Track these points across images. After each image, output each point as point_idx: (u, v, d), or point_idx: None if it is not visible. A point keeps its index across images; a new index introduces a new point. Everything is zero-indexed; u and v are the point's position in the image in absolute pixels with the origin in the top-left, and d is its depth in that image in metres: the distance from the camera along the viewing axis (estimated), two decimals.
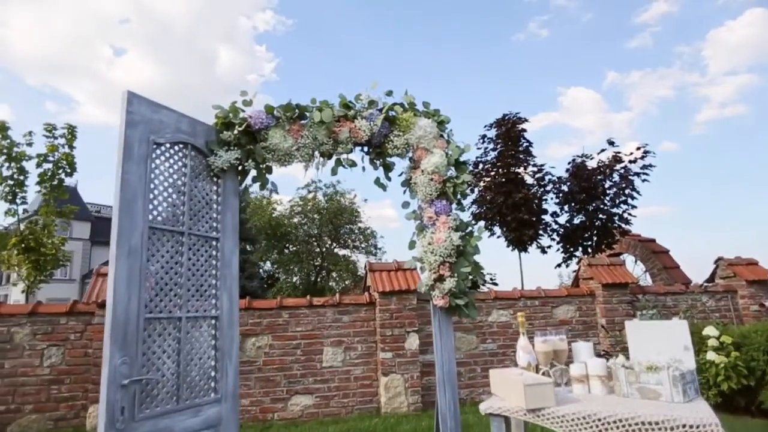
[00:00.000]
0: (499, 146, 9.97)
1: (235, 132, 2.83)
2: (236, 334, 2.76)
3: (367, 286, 7.30)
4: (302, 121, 3.01)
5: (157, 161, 2.49)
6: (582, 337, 7.55)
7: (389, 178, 3.25)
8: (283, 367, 6.45)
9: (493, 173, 9.89)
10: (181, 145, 2.64)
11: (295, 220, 25.51)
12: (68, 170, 10.65)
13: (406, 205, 3.20)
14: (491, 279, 10.01)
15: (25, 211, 10.05)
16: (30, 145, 10.11)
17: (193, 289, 2.56)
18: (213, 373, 2.60)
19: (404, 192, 3.19)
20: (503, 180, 9.65)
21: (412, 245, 3.15)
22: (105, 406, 2.03)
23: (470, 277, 2.98)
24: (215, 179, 2.82)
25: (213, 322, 2.65)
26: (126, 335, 2.16)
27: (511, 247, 9.97)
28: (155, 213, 2.43)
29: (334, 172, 3.16)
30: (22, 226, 10.11)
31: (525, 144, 9.99)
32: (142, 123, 2.41)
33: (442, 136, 3.18)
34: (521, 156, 9.87)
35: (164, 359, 2.35)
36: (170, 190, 2.53)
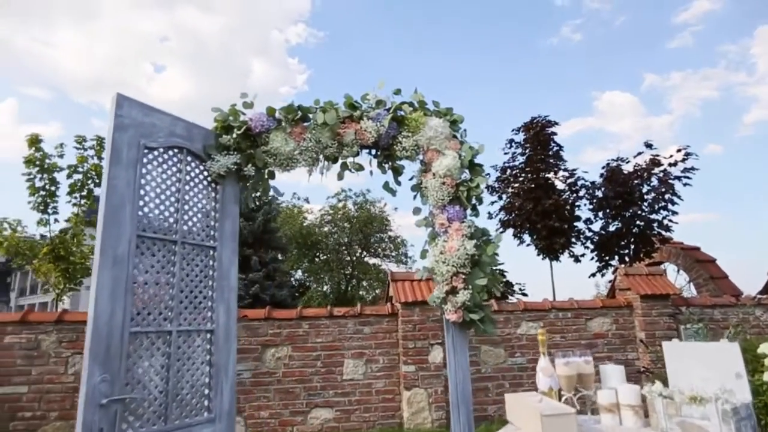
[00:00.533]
0: (527, 151, 9.55)
1: (234, 135, 2.69)
2: (233, 348, 2.59)
3: (390, 296, 7.07)
4: (305, 124, 2.84)
5: (149, 166, 2.36)
6: (619, 352, 7.06)
7: (399, 183, 3.03)
8: (303, 379, 6.28)
9: (521, 179, 9.47)
10: (176, 150, 2.51)
11: (326, 228, 25.57)
12: (97, 180, 10.94)
13: (417, 211, 2.97)
14: (520, 289, 9.56)
15: (56, 221, 10.37)
16: (61, 156, 10.49)
17: (186, 301, 2.41)
18: (207, 391, 2.43)
19: (414, 197, 2.96)
20: (532, 186, 9.22)
21: (424, 254, 2.92)
22: (81, 428, 1.88)
23: (486, 288, 2.71)
24: (213, 185, 2.68)
25: (208, 335, 2.49)
26: (108, 350, 2.02)
27: (541, 256, 9.50)
28: (145, 221, 2.30)
29: (340, 176, 2.97)
30: (52, 235, 10.44)
31: (555, 148, 9.53)
32: (133, 126, 2.29)
33: (455, 136, 2.94)
34: (551, 160, 9.42)
35: (151, 376, 2.19)
36: (162, 196, 2.40)
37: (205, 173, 2.63)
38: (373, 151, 3.01)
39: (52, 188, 10.19)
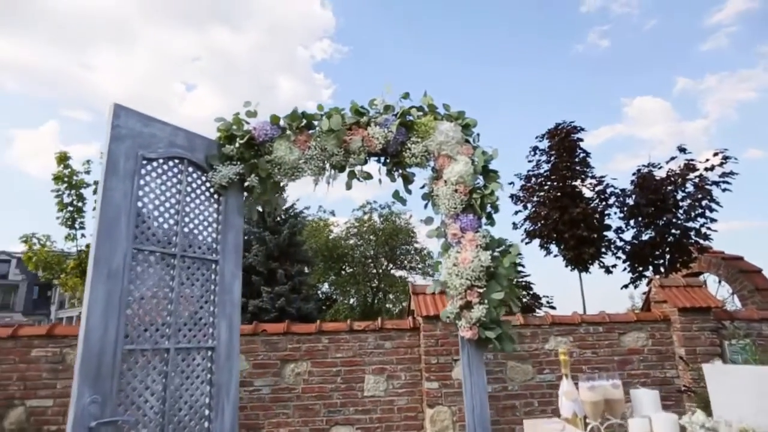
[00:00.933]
0: (552, 158, 9.21)
1: (237, 145, 2.60)
2: (235, 367, 2.46)
3: (411, 309, 6.87)
4: (310, 132, 2.73)
5: (147, 177, 2.29)
6: (656, 369, 6.61)
7: (409, 191, 2.87)
8: (323, 396, 6.12)
9: (547, 187, 9.13)
10: (176, 161, 2.43)
11: (351, 241, 25.56)
12: None
13: (429, 221, 2.81)
14: (548, 302, 9.16)
15: (82, 236, 10.63)
16: (88, 173, 10.83)
17: (185, 317, 2.31)
18: (207, 412, 2.31)
19: (425, 206, 2.80)
20: (558, 194, 8.86)
21: (437, 267, 2.74)
22: None
23: (503, 302, 2.51)
24: (216, 196, 2.59)
25: (209, 353, 2.38)
26: (99, 369, 1.92)
27: (570, 267, 9.10)
28: (143, 233, 2.22)
29: (348, 186, 2.84)
30: (79, 250, 10.69)
31: (581, 154, 9.16)
32: (130, 137, 2.23)
33: (467, 141, 2.78)
34: (578, 168, 9.05)
35: (147, 396, 2.09)
36: (162, 208, 2.32)
37: (207, 184, 2.55)
38: (382, 159, 2.87)
39: (80, 204, 10.49)
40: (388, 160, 2.84)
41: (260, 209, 17.55)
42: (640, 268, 8.97)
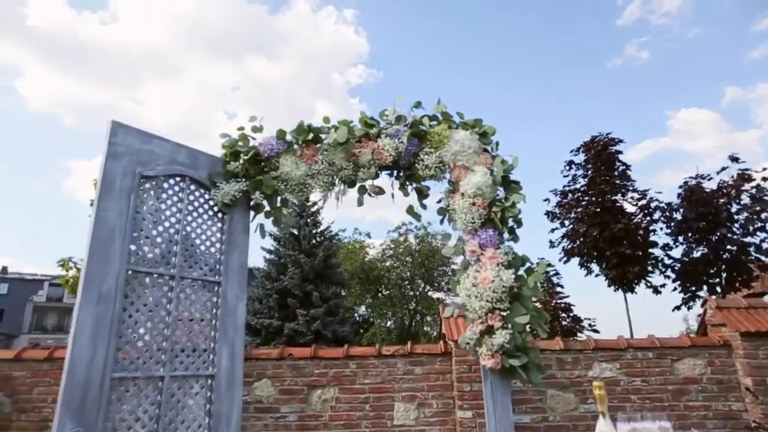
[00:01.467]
0: (589, 172, 8.76)
1: (241, 161, 2.49)
2: (238, 396, 2.29)
3: (443, 333, 6.54)
4: (318, 145, 2.59)
5: (146, 196, 2.20)
6: (719, 401, 5.96)
7: (424, 206, 2.67)
8: (350, 424, 5.85)
9: (584, 203, 8.65)
10: (177, 178, 2.34)
11: (387, 263, 25.34)
12: None
13: (446, 237, 2.58)
14: (590, 325, 8.57)
15: None
16: None
17: (183, 342, 2.17)
18: None
19: (441, 221, 2.58)
20: (597, 210, 8.37)
21: (456, 286, 2.50)
22: None
23: (528, 328, 2.23)
24: (220, 215, 2.48)
25: (208, 381, 2.22)
26: (85, 399, 1.79)
27: (613, 287, 8.51)
28: (139, 254, 2.11)
29: (359, 202, 2.67)
30: None
31: (621, 168, 8.66)
32: (128, 154, 2.15)
33: (486, 150, 2.55)
34: (617, 181, 8.55)
35: (136, 428, 1.94)
36: (161, 227, 2.22)
37: (211, 202, 2.44)
38: (394, 172, 2.69)
39: None
40: (401, 174, 2.65)
41: (295, 232, 17.73)
42: (693, 288, 8.26)
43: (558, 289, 9.59)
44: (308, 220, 18.08)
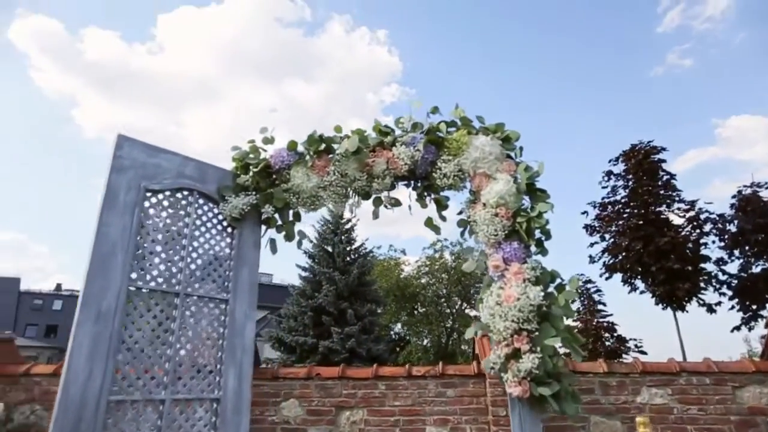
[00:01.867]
0: (630, 182, 8.22)
1: (251, 174, 2.40)
2: (245, 422, 2.15)
3: (476, 354, 6.21)
4: (330, 156, 2.47)
5: (151, 211, 2.13)
6: None
7: (443, 218, 2.48)
8: None
9: (626, 215, 8.10)
10: (185, 192, 2.27)
11: (423, 280, 24.95)
12: None
13: (467, 251, 2.38)
14: (636, 346, 7.94)
15: None
16: None
17: (186, 363, 2.06)
18: None
19: (462, 234, 2.39)
20: (640, 222, 7.80)
21: (479, 305, 2.29)
22: None
23: (560, 351, 1.99)
24: (229, 230, 2.38)
25: (213, 405, 2.09)
26: (79, 423, 1.70)
27: (661, 305, 7.87)
28: (142, 270, 2.03)
29: (374, 215, 2.52)
30: None
31: (665, 177, 8.07)
32: (133, 168, 2.10)
33: (509, 156, 2.36)
34: (661, 192, 7.96)
35: None
36: (166, 243, 2.14)
37: (220, 217, 2.35)
38: (412, 183, 2.52)
39: None
40: (418, 184, 2.49)
41: (329, 249, 17.74)
42: (754, 307, 7.54)
43: (600, 307, 8.99)
44: (342, 237, 18.07)
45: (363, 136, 2.40)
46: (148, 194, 2.12)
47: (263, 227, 2.50)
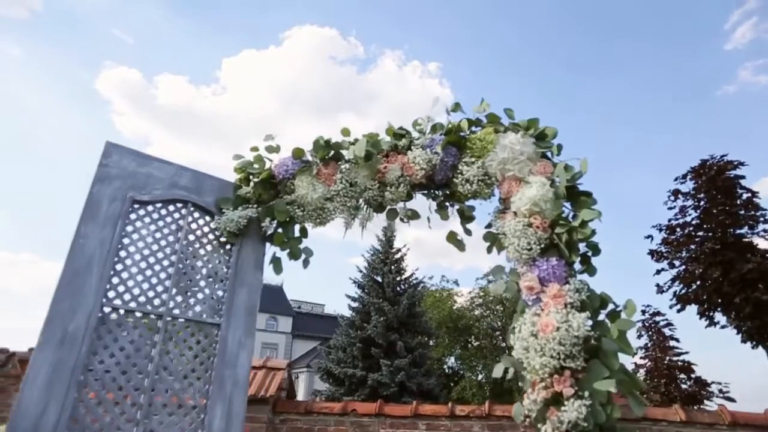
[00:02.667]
0: (701, 202, 7.22)
1: (252, 184, 2.16)
2: None
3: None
4: (339, 164, 2.19)
5: (137, 223, 1.92)
6: None
7: (468, 232, 2.10)
8: None
9: (698, 238, 7.07)
10: (178, 204, 2.05)
11: (477, 312, 23.91)
12: None
13: (497, 271, 1.97)
14: (721, 391, 6.80)
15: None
16: None
17: (166, 397, 1.78)
18: None
19: (489, 251, 1.99)
20: (717, 246, 6.76)
21: (512, 335, 1.86)
22: None
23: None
24: (228, 247, 2.13)
25: None
26: None
27: (749, 343, 6.72)
28: (122, 288, 1.81)
29: (389, 229, 2.19)
30: None
31: (744, 195, 7.01)
32: (120, 177, 1.91)
33: (545, 156, 1.96)
34: (740, 212, 6.91)
35: None
36: (152, 259, 1.91)
37: (217, 232, 2.11)
38: (435, 192, 2.17)
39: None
40: (438, 193, 2.14)
41: (379, 279, 17.41)
42: None
43: (672, 343, 7.88)
44: (392, 267, 17.73)
45: (375, 140, 2.11)
46: (136, 206, 1.92)
47: (267, 245, 2.23)
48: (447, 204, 2.12)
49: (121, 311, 1.77)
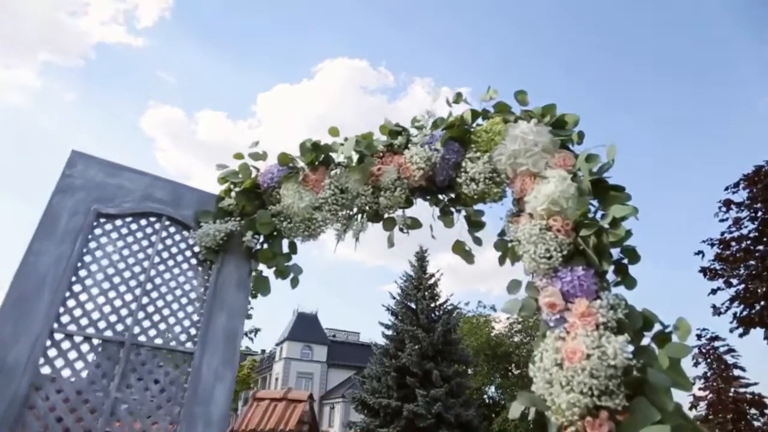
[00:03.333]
0: (759, 213, 6.45)
1: (233, 194, 1.93)
2: None
3: None
4: (331, 168, 1.93)
5: (103, 239, 1.72)
6: None
7: (478, 241, 1.77)
8: None
9: (758, 253, 6.29)
10: (152, 218, 1.84)
11: (516, 338, 22.81)
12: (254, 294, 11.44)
13: (514, 286, 1.62)
14: None
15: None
16: None
17: None
18: None
19: (501, 263, 1.65)
20: None
21: (533, 364, 1.49)
22: None
23: None
24: (208, 264, 1.89)
25: None
26: None
27: None
28: (77, 312, 1.59)
29: (390, 243, 1.89)
30: None
31: None
32: (86, 189, 1.72)
33: (566, 147, 1.63)
34: None
35: None
36: (117, 278, 1.69)
37: (196, 248, 1.88)
38: (437, 196, 1.87)
39: None
40: (443, 197, 1.83)
41: (412, 306, 16.91)
42: None
43: (737, 372, 6.96)
44: (426, 293, 17.23)
45: (369, 140, 1.84)
46: (102, 219, 1.72)
47: (254, 263, 1.98)
48: (452, 209, 1.80)
49: (76, 338, 1.54)
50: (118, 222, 1.76)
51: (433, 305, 17.01)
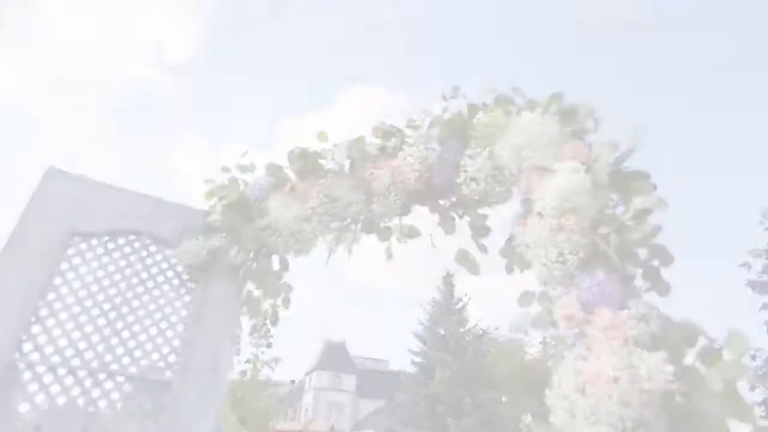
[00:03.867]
0: None
1: (218, 209, 1.79)
2: None
3: None
4: (322, 177, 1.77)
5: (76, 259, 1.59)
6: None
7: (483, 249, 1.56)
8: None
9: None
10: (131, 236, 1.72)
11: (551, 363, 21.76)
12: (273, 320, 11.02)
13: (527, 298, 1.39)
14: None
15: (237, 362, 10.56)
16: None
17: None
18: None
19: (510, 271, 1.43)
20: None
21: (553, 390, 1.25)
22: None
23: None
24: (189, 284, 1.74)
25: None
26: None
27: None
28: (43, 339, 1.45)
29: (387, 254, 1.70)
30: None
31: None
32: (59, 206, 1.62)
33: (581, 138, 1.42)
34: None
35: None
36: (89, 302, 1.56)
37: (179, 268, 1.74)
38: (439, 201, 1.68)
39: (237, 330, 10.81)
40: (440, 201, 1.64)
41: (441, 331, 16.38)
42: None
43: None
44: (454, 318, 16.74)
45: (361, 145, 1.68)
46: (76, 239, 1.60)
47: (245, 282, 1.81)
48: (452, 214, 1.61)
49: (39, 368, 1.40)
50: (94, 241, 1.64)
51: (462, 330, 16.49)
